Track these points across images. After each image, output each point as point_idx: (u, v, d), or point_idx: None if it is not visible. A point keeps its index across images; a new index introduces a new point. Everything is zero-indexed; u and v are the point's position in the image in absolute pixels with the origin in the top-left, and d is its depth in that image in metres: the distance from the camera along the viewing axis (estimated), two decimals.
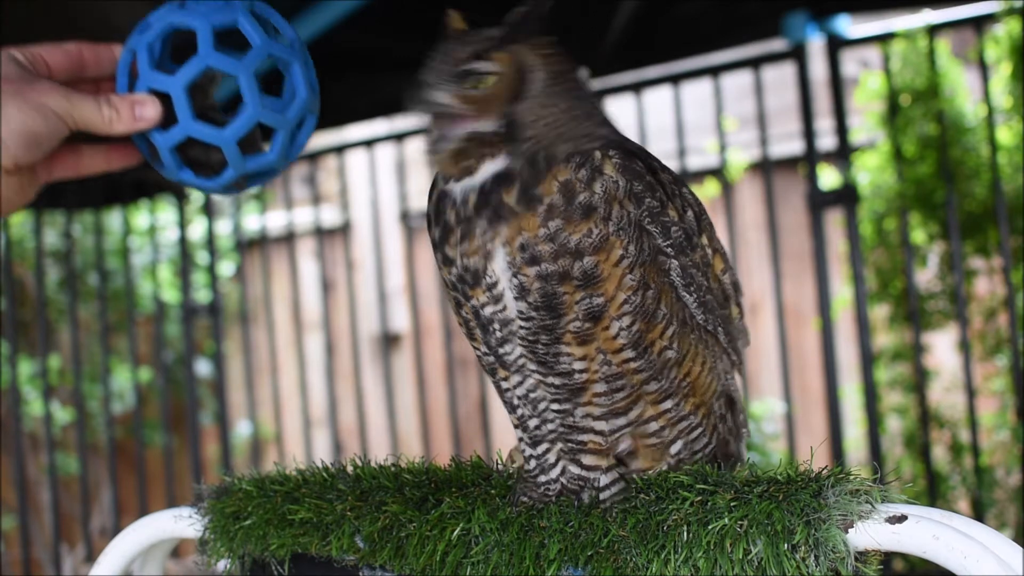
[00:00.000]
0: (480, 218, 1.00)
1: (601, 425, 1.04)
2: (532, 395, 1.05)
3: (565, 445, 1.06)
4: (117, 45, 1.03)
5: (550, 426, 1.06)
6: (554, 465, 1.07)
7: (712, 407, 1.10)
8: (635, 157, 1.03)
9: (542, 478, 1.08)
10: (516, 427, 1.10)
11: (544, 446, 1.07)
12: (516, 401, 1.07)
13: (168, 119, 0.99)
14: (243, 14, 0.99)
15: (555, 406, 1.04)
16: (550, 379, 1.03)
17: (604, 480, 1.05)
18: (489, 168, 1.01)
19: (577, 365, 1.01)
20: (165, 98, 0.99)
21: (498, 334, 1.03)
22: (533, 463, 1.09)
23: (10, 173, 0.96)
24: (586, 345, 1.00)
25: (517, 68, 1.02)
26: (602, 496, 1.05)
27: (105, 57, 1.04)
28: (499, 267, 0.99)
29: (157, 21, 0.99)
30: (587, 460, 1.05)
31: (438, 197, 1.04)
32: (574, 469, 1.05)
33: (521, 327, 1.01)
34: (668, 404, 1.05)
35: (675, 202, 1.04)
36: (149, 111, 0.98)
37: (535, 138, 1.01)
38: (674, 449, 1.07)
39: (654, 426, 1.05)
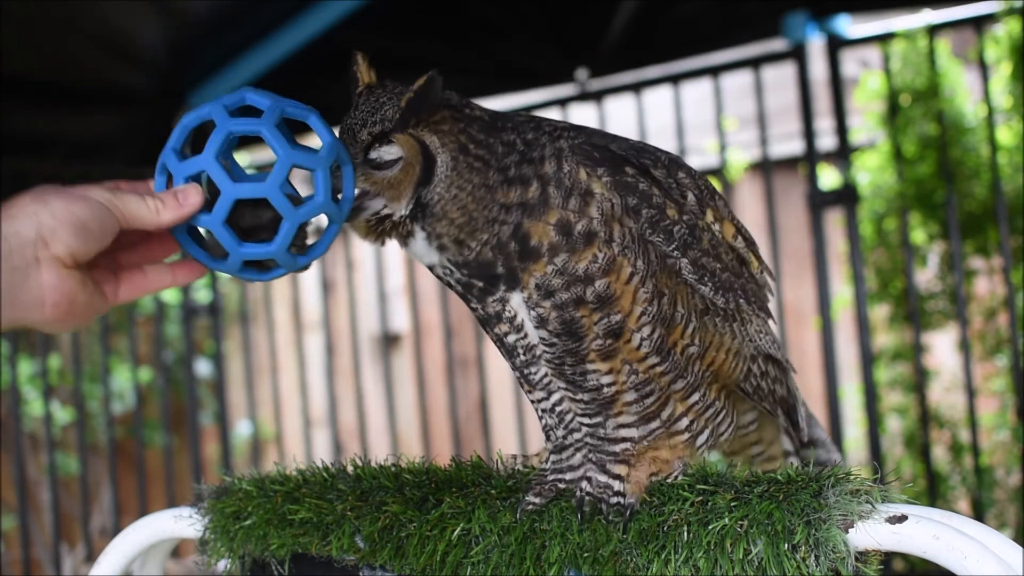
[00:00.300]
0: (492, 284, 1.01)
1: (633, 432, 1.05)
2: (558, 408, 1.07)
3: (595, 456, 1.07)
4: (151, 180, 1.05)
5: (576, 435, 1.08)
6: (576, 468, 1.08)
7: (751, 370, 1.11)
8: (625, 163, 1.02)
9: (551, 476, 1.09)
10: (544, 430, 1.12)
11: (568, 451, 1.09)
12: (541, 413, 1.10)
13: (211, 201, 1.01)
14: (246, 90, 1.02)
15: (585, 420, 1.06)
16: (579, 395, 1.04)
17: (618, 487, 1.05)
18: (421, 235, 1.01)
19: (605, 379, 1.02)
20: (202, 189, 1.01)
21: (522, 357, 1.05)
22: (550, 465, 1.10)
23: (68, 267, 0.97)
24: (611, 359, 1.01)
25: (421, 151, 1.00)
26: (612, 501, 1.04)
27: (142, 191, 1.06)
28: (516, 303, 1.02)
29: (176, 129, 1.03)
30: (616, 469, 1.05)
31: (441, 276, 1.05)
32: (601, 478, 1.05)
33: (545, 352, 1.03)
34: (695, 397, 1.06)
35: (672, 196, 1.03)
36: (192, 196, 1.00)
37: (447, 219, 1.00)
38: (700, 440, 1.08)
39: (684, 422, 1.06)
